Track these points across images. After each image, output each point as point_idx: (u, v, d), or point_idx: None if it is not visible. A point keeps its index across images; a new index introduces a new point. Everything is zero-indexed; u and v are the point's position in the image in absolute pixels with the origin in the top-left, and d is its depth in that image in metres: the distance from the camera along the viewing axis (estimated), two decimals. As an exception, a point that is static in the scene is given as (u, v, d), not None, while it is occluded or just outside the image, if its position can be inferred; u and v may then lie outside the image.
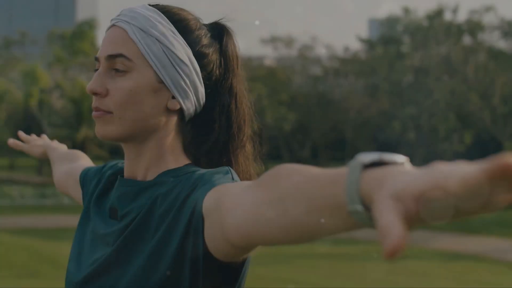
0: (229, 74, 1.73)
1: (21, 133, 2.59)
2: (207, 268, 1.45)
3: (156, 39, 1.62)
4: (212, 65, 1.70)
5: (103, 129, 1.62)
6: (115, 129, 1.61)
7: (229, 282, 1.51)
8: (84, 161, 2.23)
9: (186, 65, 1.65)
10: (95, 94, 1.61)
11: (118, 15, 1.67)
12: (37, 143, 2.52)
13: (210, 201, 1.39)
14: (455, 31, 50.07)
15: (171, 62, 1.63)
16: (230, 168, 1.57)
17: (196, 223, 1.43)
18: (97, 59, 1.65)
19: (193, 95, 1.67)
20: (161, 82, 1.63)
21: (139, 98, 1.61)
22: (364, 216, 0.90)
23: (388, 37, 52.92)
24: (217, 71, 1.71)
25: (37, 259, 15.72)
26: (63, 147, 2.45)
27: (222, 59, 1.73)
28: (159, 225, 1.52)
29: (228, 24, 1.78)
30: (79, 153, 2.34)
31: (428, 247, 24.94)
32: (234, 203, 1.27)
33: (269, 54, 69.47)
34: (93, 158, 1.80)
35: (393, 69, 50.60)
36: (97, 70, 1.65)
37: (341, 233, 1.02)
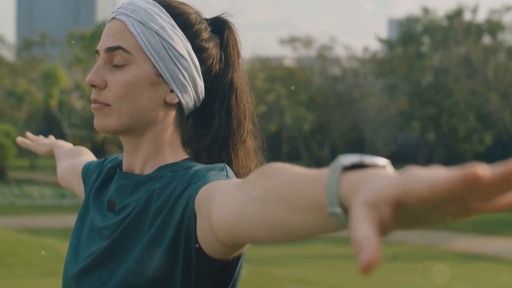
0: (229, 68, 1.73)
1: (28, 133, 2.62)
2: (199, 264, 1.45)
3: (155, 32, 1.62)
4: (212, 60, 1.70)
5: (101, 121, 1.63)
6: (113, 121, 1.62)
7: (223, 280, 1.51)
8: (87, 156, 2.24)
9: (185, 59, 1.65)
10: (93, 86, 1.63)
11: (119, 8, 1.67)
12: (44, 142, 2.54)
13: (202, 197, 1.39)
14: (475, 30, 49.75)
15: (169, 56, 1.63)
16: (225, 164, 1.57)
17: (188, 219, 1.43)
18: (97, 52, 1.66)
19: (192, 89, 1.67)
20: (159, 75, 1.63)
21: (137, 91, 1.61)
22: (343, 218, 0.89)
23: (407, 37, 52.64)
24: (217, 66, 1.71)
25: (56, 259, 15.75)
26: (68, 145, 2.46)
27: (222, 53, 1.73)
28: (154, 220, 1.52)
29: (230, 18, 1.78)
30: (82, 149, 2.35)
31: (446, 248, 24.83)
32: (222, 201, 1.27)
33: (288, 55, 69.38)
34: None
35: (413, 69, 50.34)
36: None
37: (323, 234, 1.02)
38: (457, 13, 50.50)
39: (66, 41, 60.07)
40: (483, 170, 0.71)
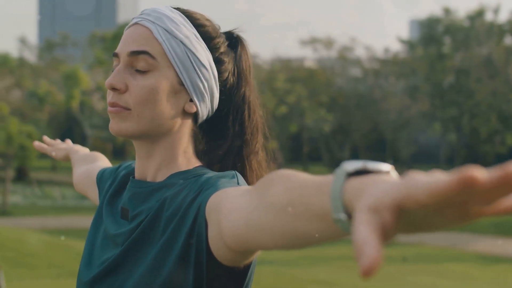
0: (242, 82, 1.75)
1: (45, 138, 2.61)
2: (210, 271, 1.45)
3: (181, 41, 1.63)
4: (227, 73, 1.71)
5: (118, 125, 1.62)
6: (130, 126, 1.61)
7: (235, 285, 1.51)
8: (102, 162, 2.24)
9: (207, 69, 1.66)
10: (114, 89, 1.61)
11: (141, 14, 1.66)
12: (61, 146, 2.54)
13: (212, 205, 1.39)
14: (496, 31, 49.54)
15: (193, 66, 1.64)
16: (236, 172, 1.58)
17: (199, 226, 1.43)
18: (116, 55, 1.65)
19: (209, 100, 1.68)
20: (181, 84, 1.64)
21: (158, 98, 1.61)
22: (348, 224, 0.89)
23: (428, 38, 52.50)
24: (232, 79, 1.73)
25: (77, 259, 15.79)
26: (84, 150, 2.46)
27: (236, 68, 1.74)
28: (166, 228, 1.53)
29: (242, 34, 1.80)
30: (98, 154, 2.35)
31: (468, 249, 24.73)
32: (230, 208, 1.28)
33: (309, 56, 69.32)
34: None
35: (434, 70, 50.20)
36: (115, 67, 1.65)
37: (329, 240, 1.02)
38: (479, 14, 50.32)
39: (88, 42, 60.40)
40: (480, 173, 0.71)
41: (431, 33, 52.53)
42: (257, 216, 1.15)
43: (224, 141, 1.73)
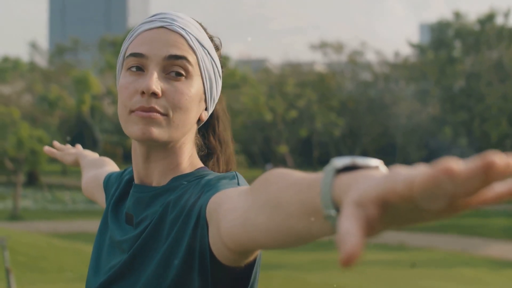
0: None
1: (55, 143, 2.62)
2: (214, 272, 1.46)
3: (208, 51, 1.65)
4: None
5: (151, 131, 1.57)
6: (164, 131, 1.59)
7: (239, 286, 1.51)
8: (111, 167, 2.25)
9: (221, 79, 1.70)
10: (152, 94, 1.57)
11: (164, 17, 1.64)
12: (70, 151, 2.55)
13: (212, 206, 1.40)
14: (507, 35, 49.39)
15: (215, 76, 1.67)
16: (237, 173, 1.59)
17: (201, 228, 1.44)
18: (140, 55, 1.60)
19: (213, 108, 1.73)
20: (204, 93, 1.65)
21: (191, 105, 1.61)
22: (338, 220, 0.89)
23: (439, 42, 52.40)
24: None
25: (87, 263, 15.87)
26: (94, 155, 2.46)
27: None
28: (170, 231, 1.53)
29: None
30: (106, 159, 2.36)
31: (479, 254, 24.65)
32: (228, 208, 1.29)
33: (319, 60, 69.34)
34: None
35: (444, 74, 50.10)
36: (134, 67, 1.61)
37: (323, 237, 1.02)
38: (489, 17, 50.20)
39: (98, 47, 60.55)
40: (457, 164, 0.71)
41: (442, 37, 52.43)
42: (253, 216, 1.16)
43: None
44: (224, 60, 1.76)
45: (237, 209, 1.24)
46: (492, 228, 31.45)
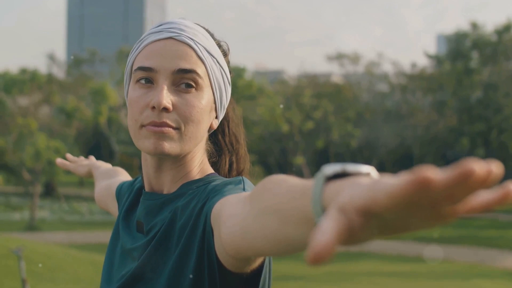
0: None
1: (68, 155, 2.63)
2: (223, 279, 1.45)
3: (217, 61, 1.63)
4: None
5: (162, 145, 1.56)
6: (176, 145, 1.58)
7: None
8: (123, 176, 2.25)
9: (230, 86, 1.69)
10: (163, 109, 1.55)
11: (172, 27, 1.62)
12: (83, 163, 2.55)
13: (216, 212, 1.39)
14: (525, 46, 49.21)
15: (224, 85, 1.66)
16: (243, 177, 1.56)
17: (208, 234, 1.43)
18: (149, 69, 1.58)
19: (223, 115, 1.72)
20: (214, 102, 1.65)
21: (202, 117, 1.60)
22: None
23: (456, 53, 52.24)
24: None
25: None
26: (107, 166, 2.46)
27: None
28: (179, 238, 1.52)
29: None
30: (119, 169, 2.36)
31: (496, 266, 24.50)
32: (228, 214, 1.28)
33: (335, 71, 69.35)
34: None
35: (461, 85, 49.95)
36: (144, 79, 1.59)
37: None
38: (507, 28, 50.02)
39: (115, 58, 60.75)
40: (434, 173, 0.70)
41: (459, 48, 52.28)
42: (251, 223, 1.15)
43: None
44: (240, 71, 1.77)
45: (236, 215, 1.23)
46: (510, 239, 31.28)
